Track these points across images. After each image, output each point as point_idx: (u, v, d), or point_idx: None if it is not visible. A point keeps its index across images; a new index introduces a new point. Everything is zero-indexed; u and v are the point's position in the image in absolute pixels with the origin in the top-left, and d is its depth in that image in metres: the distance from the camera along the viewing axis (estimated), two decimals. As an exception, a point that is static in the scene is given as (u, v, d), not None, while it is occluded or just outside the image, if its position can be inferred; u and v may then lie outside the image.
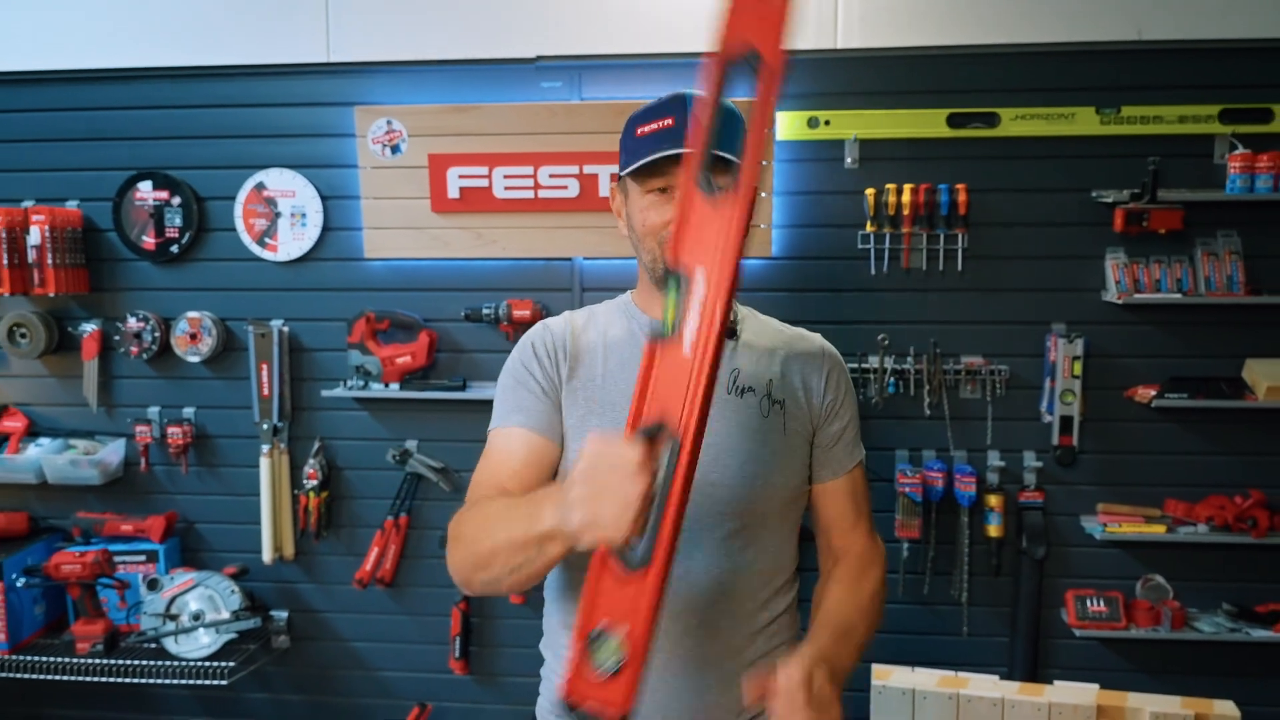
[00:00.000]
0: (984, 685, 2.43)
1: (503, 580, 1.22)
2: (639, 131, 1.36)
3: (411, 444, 2.89)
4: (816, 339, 1.52)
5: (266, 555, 2.91)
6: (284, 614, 2.93)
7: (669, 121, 1.33)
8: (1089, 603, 2.73)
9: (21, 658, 2.77)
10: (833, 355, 1.50)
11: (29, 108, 2.91)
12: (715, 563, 1.35)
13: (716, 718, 1.38)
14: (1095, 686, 2.39)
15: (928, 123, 2.68)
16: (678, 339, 1.02)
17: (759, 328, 1.50)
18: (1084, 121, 2.64)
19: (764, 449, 1.38)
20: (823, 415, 1.46)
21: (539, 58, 2.75)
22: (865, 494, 1.52)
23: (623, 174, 1.40)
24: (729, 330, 1.42)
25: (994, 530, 2.75)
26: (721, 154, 1.19)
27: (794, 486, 1.43)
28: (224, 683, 2.70)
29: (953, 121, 2.68)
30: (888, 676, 2.44)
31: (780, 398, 1.42)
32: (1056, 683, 2.45)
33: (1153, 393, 2.63)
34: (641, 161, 1.33)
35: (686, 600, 1.34)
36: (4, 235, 2.78)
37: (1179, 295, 2.62)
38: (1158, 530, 2.67)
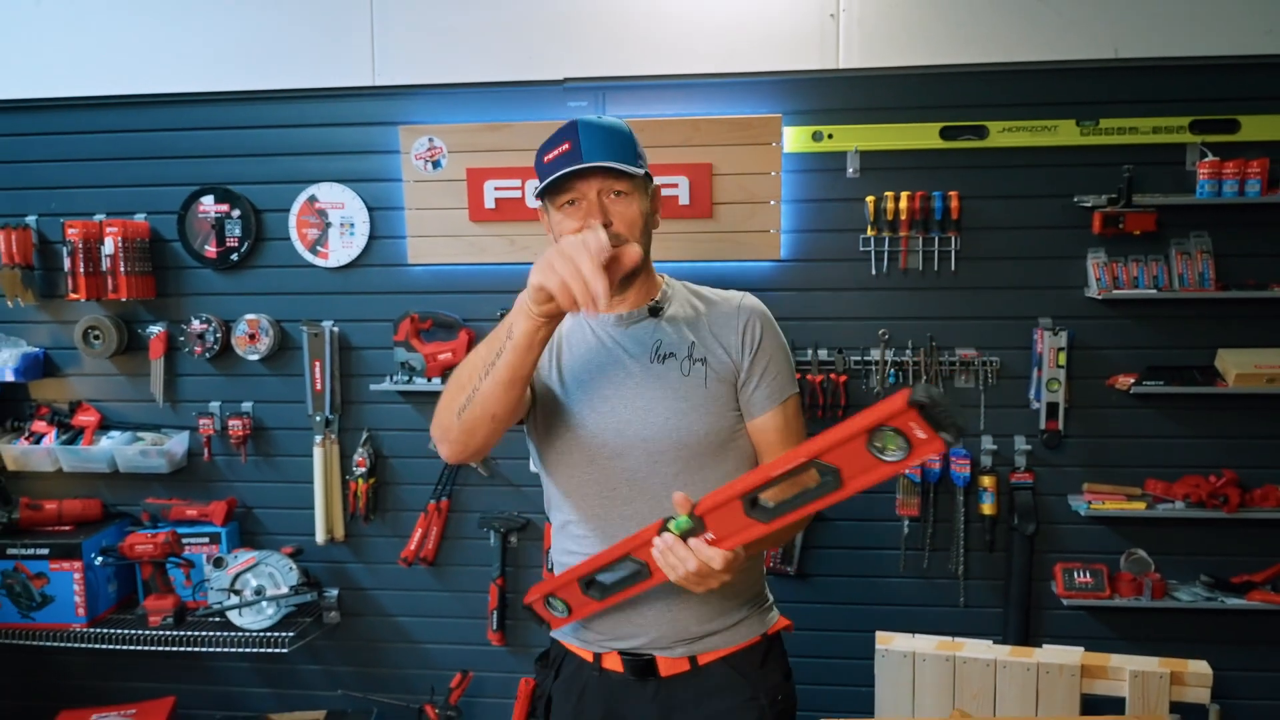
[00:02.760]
0: (978, 649, 2.68)
1: (477, 400, 1.51)
2: (545, 159, 1.61)
3: (451, 434, 3.14)
4: (735, 300, 1.71)
5: (319, 537, 3.16)
6: (335, 591, 3.18)
7: (566, 146, 1.57)
8: (1076, 575, 2.96)
9: (99, 630, 3.04)
10: (749, 310, 1.69)
11: (101, 129, 3.17)
12: (660, 503, 1.57)
13: (678, 631, 1.64)
14: (1080, 649, 2.63)
15: (922, 135, 2.91)
16: None
17: (684, 300, 1.71)
18: (1066, 133, 2.87)
19: (684, 403, 1.62)
20: (742, 365, 1.65)
21: (566, 79, 3.00)
22: (799, 427, 1.68)
23: (538, 196, 1.64)
24: (652, 309, 1.68)
25: (988, 509, 2.97)
26: (618, 166, 1.55)
27: (722, 429, 1.64)
28: (284, 650, 2.95)
29: (945, 134, 2.91)
30: (890, 642, 2.68)
31: (701, 355, 1.64)
32: (1045, 646, 2.69)
33: (1132, 381, 2.85)
34: (547, 180, 1.58)
35: None
36: (81, 246, 3.05)
37: (1155, 291, 2.83)
38: (1138, 507, 2.89)
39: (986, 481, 2.97)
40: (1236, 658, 2.95)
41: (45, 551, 3.03)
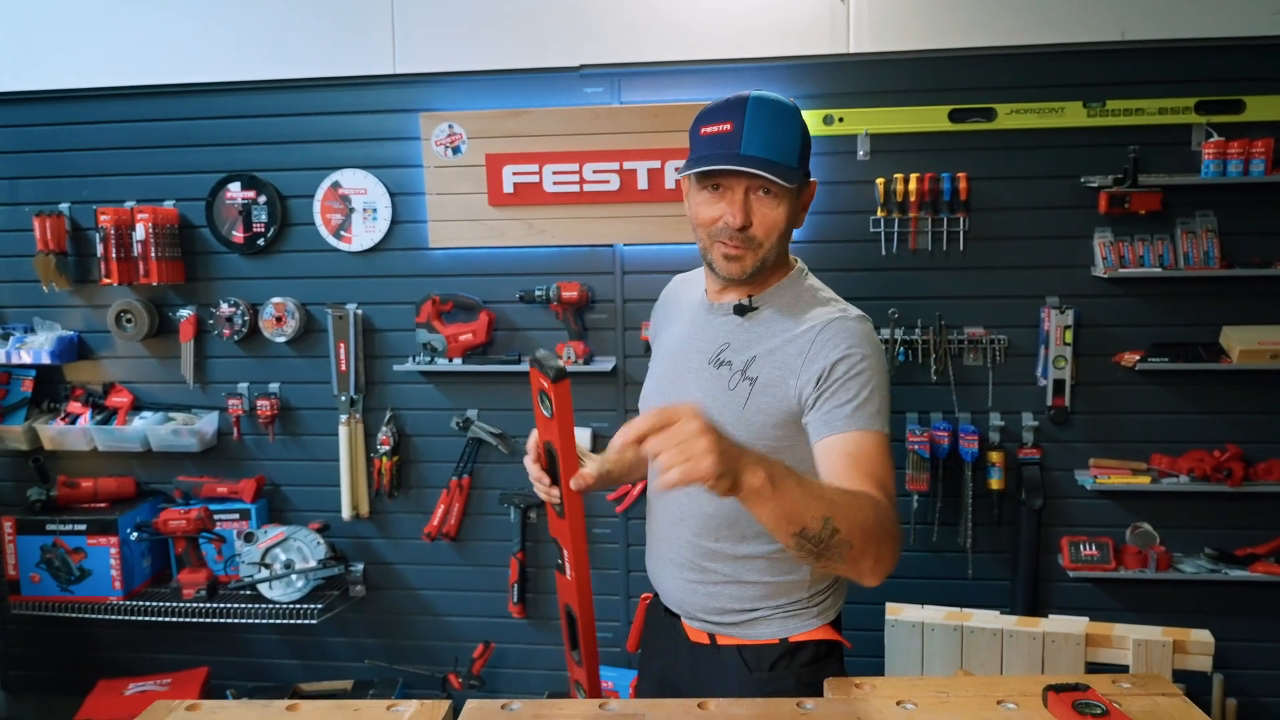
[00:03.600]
0: (986, 619, 2.76)
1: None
2: (702, 131, 1.52)
3: (472, 413, 3.23)
4: (824, 319, 1.54)
5: (345, 513, 3.26)
6: (360, 566, 3.28)
7: (727, 126, 1.47)
8: (1082, 547, 3.02)
9: (135, 603, 3.15)
10: (830, 334, 1.51)
11: (131, 118, 3.27)
12: (679, 500, 1.65)
13: (691, 608, 1.68)
14: (1085, 619, 2.70)
15: (931, 118, 2.97)
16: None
17: (789, 304, 1.60)
18: (1073, 115, 2.92)
19: (719, 416, 1.45)
20: (807, 391, 1.50)
21: (582, 66, 3.06)
22: (872, 460, 1.45)
23: (681, 173, 1.56)
24: (740, 308, 1.61)
25: (995, 483, 3.04)
26: (768, 176, 1.46)
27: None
28: (313, 622, 3.07)
29: (954, 116, 2.96)
30: (899, 613, 2.76)
31: (754, 375, 1.54)
32: (1051, 616, 2.77)
33: (1137, 357, 2.91)
34: (695, 170, 1.50)
35: (668, 520, 1.69)
36: (113, 232, 3.15)
37: (1160, 269, 2.89)
38: (1143, 481, 2.96)
39: (994, 457, 3.03)
40: (1240, 629, 3.02)
41: (83, 527, 3.15)
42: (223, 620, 3.11)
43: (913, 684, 1.64)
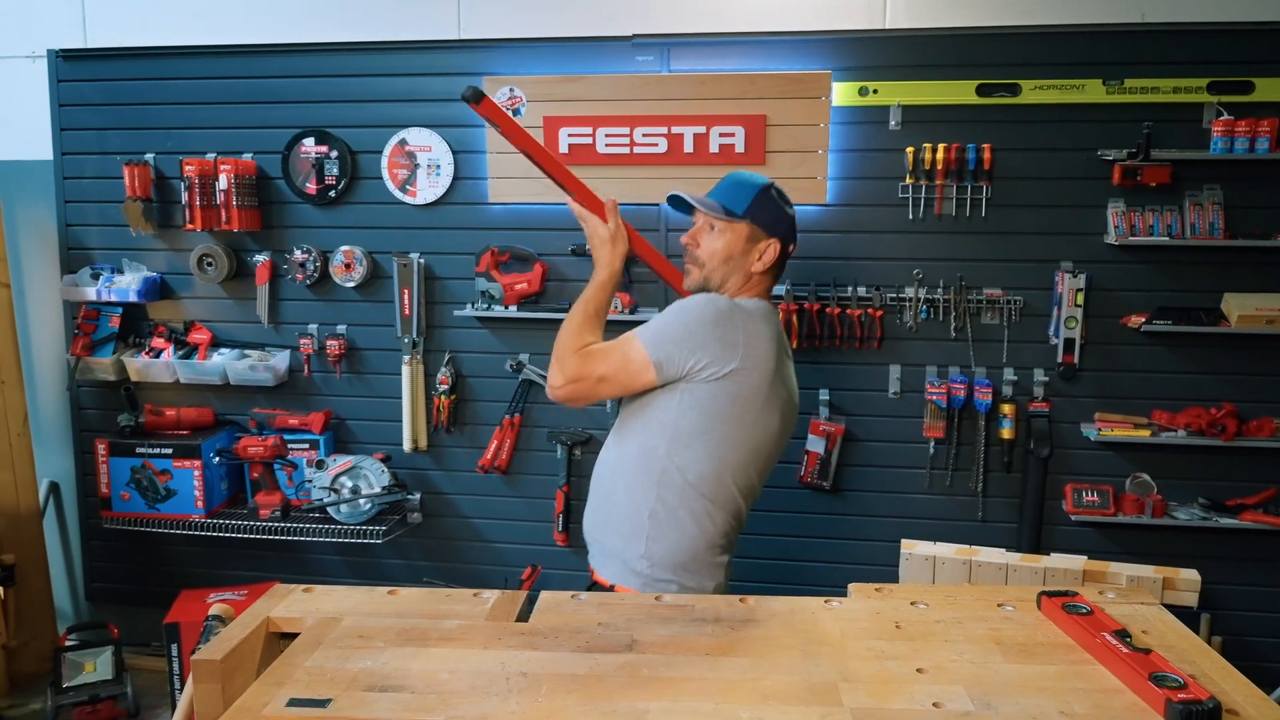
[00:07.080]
0: (993, 554, 3.02)
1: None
2: None
3: (525, 356, 3.50)
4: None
5: (406, 445, 3.55)
6: (417, 495, 3.58)
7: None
8: (1084, 494, 3.27)
9: (216, 520, 3.47)
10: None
11: (213, 75, 3.51)
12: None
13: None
14: (1083, 557, 2.96)
15: (960, 91, 3.18)
16: None
17: None
18: (1092, 91, 3.12)
19: None
20: None
21: (635, 36, 3.28)
22: (612, 345, 2.17)
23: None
24: None
25: (1006, 433, 3.29)
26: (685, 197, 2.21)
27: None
28: (377, 542, 3.37)
29: (981, 91, 3.17)
30: (913, 547, 3.03)
31: None
32: (1052, 554, 3.03)
33: (1143, 320, 3.13)
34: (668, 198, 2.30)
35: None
36: (197, 181, 3.41)
37: (1168, 238, 3.10)
38: (1144, 434, 3.20)
39: (1006, 409, 3.27)
40: (1228, 573, 3.27)
41: (169, 451, 3.45)
42: (294, 539, 3.42)
43: (925, 589, 1.91)
